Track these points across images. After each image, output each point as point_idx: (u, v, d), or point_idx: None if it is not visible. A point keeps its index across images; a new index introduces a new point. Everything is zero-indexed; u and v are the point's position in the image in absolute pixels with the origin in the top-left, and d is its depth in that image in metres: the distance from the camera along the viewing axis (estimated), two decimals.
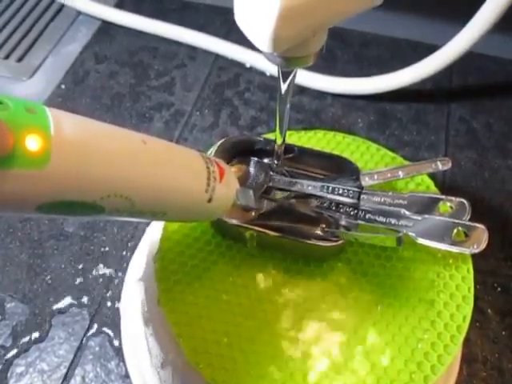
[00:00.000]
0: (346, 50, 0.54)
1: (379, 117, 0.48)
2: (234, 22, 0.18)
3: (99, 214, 0.18)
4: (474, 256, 0.26)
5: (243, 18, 0.17)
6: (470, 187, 0.44)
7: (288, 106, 0.22)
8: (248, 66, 0.52)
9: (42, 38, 0.56)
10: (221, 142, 0.27)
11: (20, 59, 0.54)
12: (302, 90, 0.50)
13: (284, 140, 0.25)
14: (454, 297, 0.25)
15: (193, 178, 0.21)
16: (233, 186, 0.23)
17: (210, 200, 0.22)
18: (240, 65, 0.52)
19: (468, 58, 0.44)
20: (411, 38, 0.54)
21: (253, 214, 0.26)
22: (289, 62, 0.18)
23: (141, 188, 0.18)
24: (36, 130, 0.15)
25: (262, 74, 0.52)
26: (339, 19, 0.17)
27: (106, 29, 0.57)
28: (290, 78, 0.20)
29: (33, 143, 0.14)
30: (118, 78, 0.52)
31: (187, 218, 0.23)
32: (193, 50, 0.54)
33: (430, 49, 0.45)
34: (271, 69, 0.50)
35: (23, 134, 0.14)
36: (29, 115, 0.15)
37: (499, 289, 0.38)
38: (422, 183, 0.30)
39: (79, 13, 0.58)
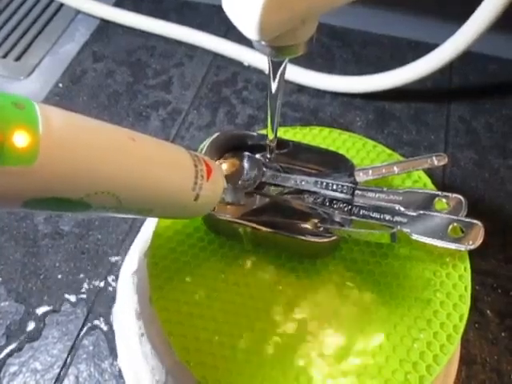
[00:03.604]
0: (345, 49, 0.54)
1: (378, 116, 0.48)
2: (230, 19, 0.17)
3: (85, 211, 0.18)
4: (473, 256, 0.26)
5: (231, 6, 0.16)
6: (469, 187, 0.43)
7: (279, 100, 0.22)
8: (246, 64, 0.52)
9: (41, 37, 0.56)
10: (214, 136, 0.27)
11: (18, 58, 0.54)
12: (301, 89, 0.50)
13: (276, 135, 0.25)
14: (450, 296, 0.25)
15: (180, 177, 0.21)
16: (220, 184, 0.23)
17: (196, 198, 0.21)
18: (238, 63, 0.52)
19: (468, 58, 0.43)
20: (411, 38, 0.54)
21: (244, 208, 0.25)
22: (278, 51, 0.18)
23: (128, 186, 0.18)
24: (24, 126, 0.14)
25: (260, 72, 0.51)
26: (328, 7, 0.16)
27: (105, 28, 0.57)
28: (281, 69, 0.20)
29: (20, 139, 0.14)
30: (115, 77, 0.52)
31: (174, 215, 0.23)
32: (191, 49, 0.54)
33: (430, 48, 0.44)
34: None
35: (11, 130, 0.14)
36: (17, 110, 0.15)
37: (499, 290, 0.37)
38: (419, 180, 0.29)
39: (78, 12, 0.58)
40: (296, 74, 0.49)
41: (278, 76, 0.20)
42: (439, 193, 0.25)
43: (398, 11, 0.52)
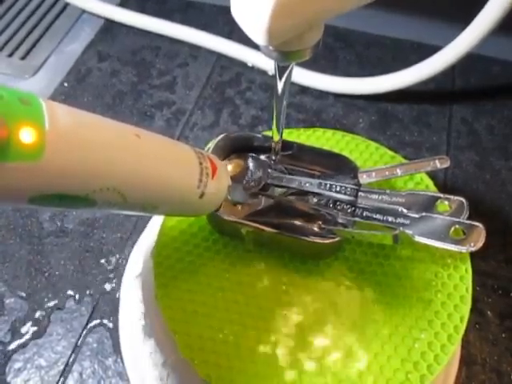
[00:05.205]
0: (348, 50, 0.54)
1: (380, 117, 0.48)
2: (236, 22, 0.18)
3: (90, 207, 0.18)
4: (474, 257, 0.26)
5: (239, 11, 0.17)
6: (471, 189, 0.43)
7: (285, 102, 0.22)
8: (250, 65, 0.52)
9: (46, 37, 0.56)
10: (220, 137, 0.27)
11: (23, 57, 0.54)
12: (304, 90, 0.50)
13: (281, 137, 0.25)
14: (451, 296, 0.25)
15: (185, 174, 0.21)
16: (225, 182, 0.23)
17: (201, 196, 0.22)
18: (242, 64, 0.52)
19: (470, 60, 0.43)
20: (414, 39, 0.54)
21: (248, 209, 0.26)
22: (285, 56, 0.18)
23: (133, 182, 0.18)
24: (30, 122, 0.14)
25: (264, 73, 0.52)
26: (336, 13, 0.16)
27: (109, 28, 0.57)
28: (287, 73, 0.20)
29: (27, 136, 0.14)
30: (120, 77, 0.52)
31: (178, 212, 0.23)
32: (195, 49, 0.54)
33: (433, 50, 0.45)
34: (273, 68, 0.50)
35: (17, 126, 0.14)
36: (23, 107, 0.15)
37: (500, 291, 0.37)
38: (421, 182, 0.29)
39: (83, 12, 0.58)
40: (299, 75, 0.49)
41: (283, 79, 0.21)
42: (441, 195, 0.26)
43: (401, 13, 0.52)
